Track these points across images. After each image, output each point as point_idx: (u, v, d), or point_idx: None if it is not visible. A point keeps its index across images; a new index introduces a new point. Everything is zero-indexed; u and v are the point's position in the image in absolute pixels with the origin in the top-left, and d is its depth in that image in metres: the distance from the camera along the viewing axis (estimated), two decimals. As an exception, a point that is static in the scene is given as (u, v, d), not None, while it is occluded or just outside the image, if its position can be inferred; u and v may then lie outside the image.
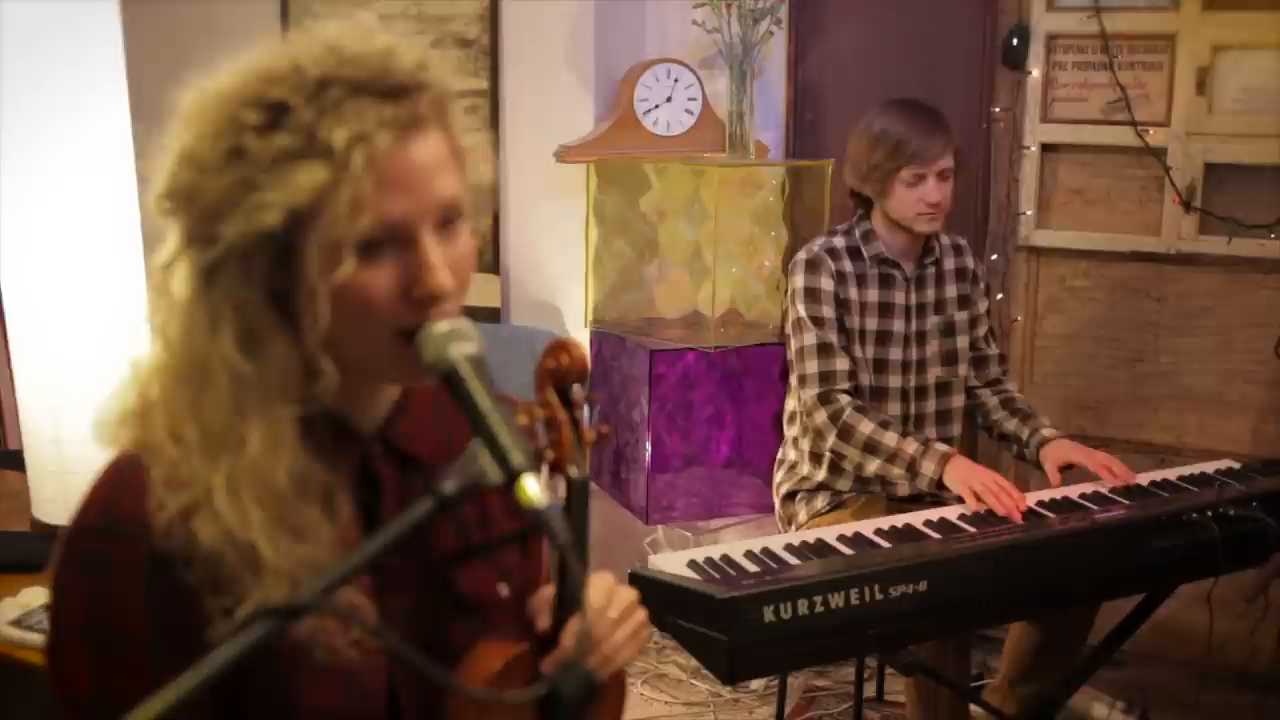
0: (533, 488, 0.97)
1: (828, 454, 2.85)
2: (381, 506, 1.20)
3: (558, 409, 1.17)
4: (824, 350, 2.83)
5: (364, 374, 1.13)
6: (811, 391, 2.83)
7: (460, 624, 1.24)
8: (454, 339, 1.06)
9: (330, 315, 1.06)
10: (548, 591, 1.23)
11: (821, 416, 2.81)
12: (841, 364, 2.83)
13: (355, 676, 1.15)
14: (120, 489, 1.10)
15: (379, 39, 1.09)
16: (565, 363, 1.17)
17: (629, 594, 1.25)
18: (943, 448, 2.71)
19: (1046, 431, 2.85)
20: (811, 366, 2.84)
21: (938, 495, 2.76)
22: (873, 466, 2.77)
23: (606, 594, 1.24)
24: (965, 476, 2.61)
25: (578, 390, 1.18)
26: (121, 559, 1.07)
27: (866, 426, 2.76)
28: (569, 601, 1.18)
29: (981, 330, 3.04)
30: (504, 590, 1.28)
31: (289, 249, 1.05)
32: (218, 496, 1.06)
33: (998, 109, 3.68)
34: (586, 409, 1.22)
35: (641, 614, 1.26)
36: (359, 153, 1.02)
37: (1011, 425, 2.94)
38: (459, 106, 1.13)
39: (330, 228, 1.03)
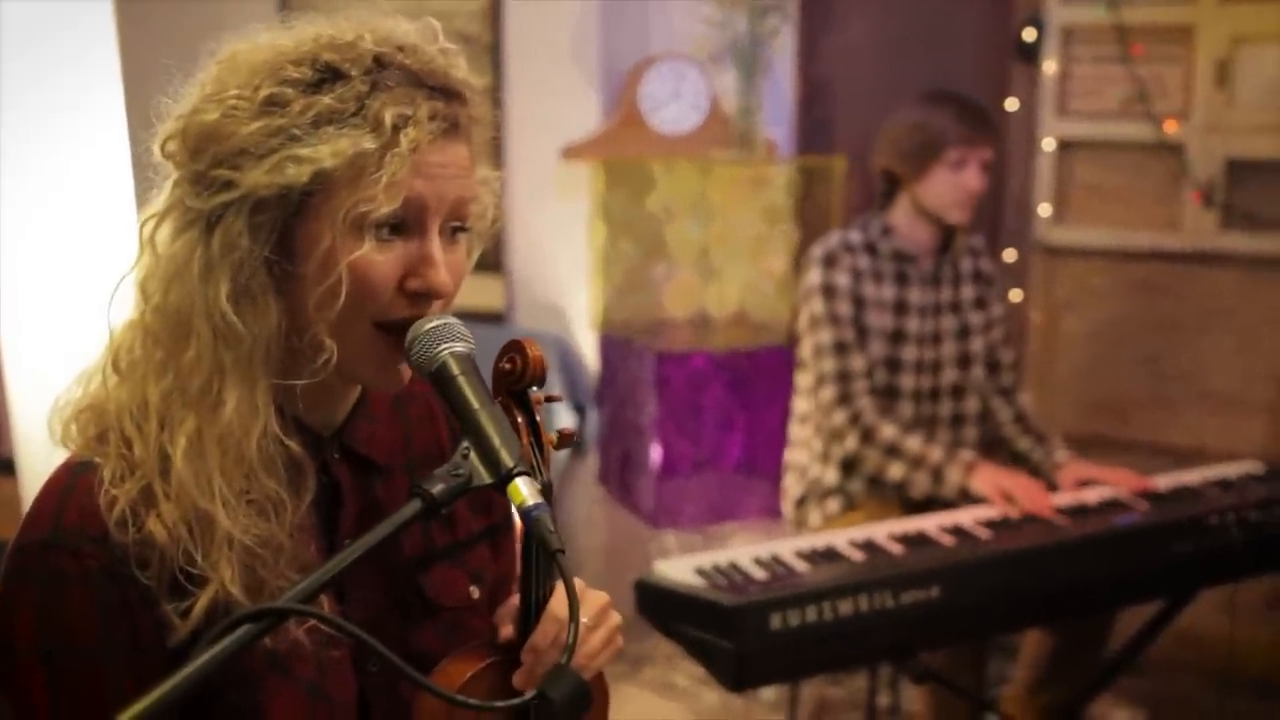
0: (525, 489, 0.96)
1: (843, 456, 2.78)
2: (342, 512, 1.17)
3: (514, 413, 1.12)
4: (841, 349, 2.77)
5: (335, 369, 1.08)
6: (829, 391, 2.76)
7: (429, 629, 1.21)
8: (443, 336, 1.05)
9: (327, 292, 1.03)
10: (513, 601, 1.19)
11: (840, 418, 2.74)
12: (859, 363, 2.77)
13: (324, 690, 1.12)
14: (67, 499, 1.05)
15: (440, 43, 1.11)
16: (519, 364, 1.12)
17: (600, 597, 1.22)
18: (968, 455, 2.65)
19: (1060, 455, 2.79)
20: (829, 365, 2.77)
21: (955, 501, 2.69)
22: (895, 471, 2.69)
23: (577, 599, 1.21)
24: (993, 478, 2.56)
25: (535, 393, 1.13)
26: (71, 572, 1.03)
27: (889, 430, 2.69)
28: (534, 611, 1.14)
29: (997, 335, 2.97)
30: (475, 593, 1.26)
31: (302, 212, 1.04)
32: (178, 462, 1.03)
33: (1012, 104, 3.61)
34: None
35: (615, 618, 1.23)
36: (407, 134, 1.03)
37: (1025, 444, 2.87)
38: (484, 137, 1.14)
39: (360, 200, 1.02)
